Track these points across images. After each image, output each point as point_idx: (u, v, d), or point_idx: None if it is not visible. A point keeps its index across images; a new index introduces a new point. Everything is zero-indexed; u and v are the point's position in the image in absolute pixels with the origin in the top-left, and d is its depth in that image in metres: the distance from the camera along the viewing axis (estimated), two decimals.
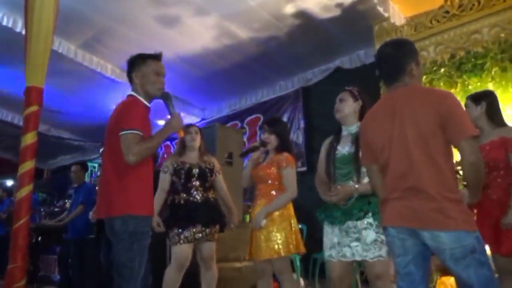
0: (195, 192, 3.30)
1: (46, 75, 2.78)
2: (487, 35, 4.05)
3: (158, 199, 3.34)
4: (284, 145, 3.02)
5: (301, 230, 5.37)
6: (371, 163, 2.03)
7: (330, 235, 2.39)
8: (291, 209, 2.95)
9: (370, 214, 2.26)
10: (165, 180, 3.37)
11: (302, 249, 2.88)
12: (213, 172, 3.41)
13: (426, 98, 1.83)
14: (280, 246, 2.78)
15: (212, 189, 3.46)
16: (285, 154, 2.96)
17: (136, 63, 2.34)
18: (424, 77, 4.19)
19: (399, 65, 1.91)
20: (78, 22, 5.36)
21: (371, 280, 2.28)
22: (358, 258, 2.26)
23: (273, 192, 2.90)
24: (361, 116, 2.45)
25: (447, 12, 4.34)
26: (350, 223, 2.29)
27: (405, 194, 1.79)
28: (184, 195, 3.29)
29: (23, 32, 2.93)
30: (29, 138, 2.77)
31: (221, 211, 3.43)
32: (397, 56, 1.93)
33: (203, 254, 3.30)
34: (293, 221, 2.91)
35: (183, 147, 3.46)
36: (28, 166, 2.77)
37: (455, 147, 1.77)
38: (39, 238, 5.23)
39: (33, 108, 2.78)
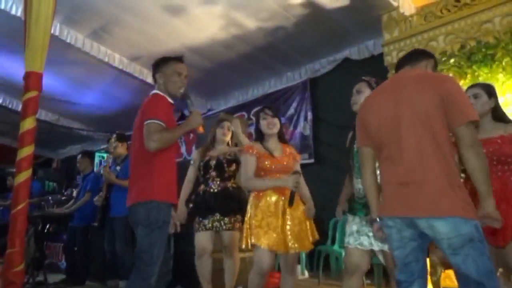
0: (211, 183, 3.39)
1: (55, 64, 2.78)
2: (498, 24, 3.92)
3: (184, 190, 3.52)
4: (283, 134, 2.98)
5: None
6: (364, 144, 1.99)
7: (351, 222, 2.40)
8: None
9: None
10: (190, 172, 3.57)
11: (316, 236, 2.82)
12: (233, 162, 3.44)
13: (426, 80, 1.81)
14: (311, 239, 2.76)
15: (234, 179, 3.51)
16: (293, 148, 2.97)
17: (160, 65, 2.51)
18: None
19: (418, 55, 2.01)
20: (86, 11, 5.37)
21: (391, 270, 2.30)
22: (376, 248, 2.28)
23: None
24: None
25: (458, 1, 4.22)
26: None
27: (400, 179, 1.75)
28: (203, 186, 3.43)
29: (23, 17, 2.91)
30: (28, 124, 2.77)
31: (242, 200, 3.39)
32: (420, 51, 2.09)
33: (224, 242, 3.37)
34: None
35: (213, 141, 3.58)
36: (26, 151, 2.78)
37: (453, 131, 1.71)
38: (46, 226, 5.26)
39: (32, 93, 2.78)
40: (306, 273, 5.25)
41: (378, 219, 1.93)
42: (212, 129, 3.60)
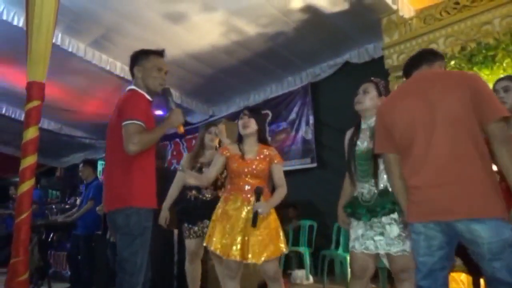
0: (204, 191, 3.38)
1: (57, 74, 2.78)
2: (498, 26, 3.93)
3: (170, 195, 3.48)
4: (263, 135, 2.87)
5: (311, 226, 5.40)
6: (389, 150, 1.92)
7: (355, 227, 2.36)
8: None
9: (396, 211, 2.19)
10: (179, 177, 3.49)
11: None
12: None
13: (452, 79, 1.77)
14: (283, 244, 2.71)
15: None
16: (275, 150, 2.86)
17: (139, 58, 2.34)
18: None
19: (430, 55, 1.97)
20: (87, 20, 5.40)
21: (395, 273, 2.27)
22: (381, 251, 2.25)
23: (266, 189, 2.75)
24: None
25: (458, 3, 4.23)
26: (375, 219, 2.26)
27: (431, 182, 1.69)
28: (195, 192, 3.39)
29: (24, 27, 2.93)
30: (31, 133, 2.78)
31: None
32: (432, 51, 2.03)
33: None
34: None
35: (202, 147, 3.53)
36: (29, 161, 2.78)
37: (484, 129, 1.67)
38: (50, 235, 5.26)
39: (35, 103, 2.79)
40: (311, 278, 5.23)
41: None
42: (200, 135, 3.58)
